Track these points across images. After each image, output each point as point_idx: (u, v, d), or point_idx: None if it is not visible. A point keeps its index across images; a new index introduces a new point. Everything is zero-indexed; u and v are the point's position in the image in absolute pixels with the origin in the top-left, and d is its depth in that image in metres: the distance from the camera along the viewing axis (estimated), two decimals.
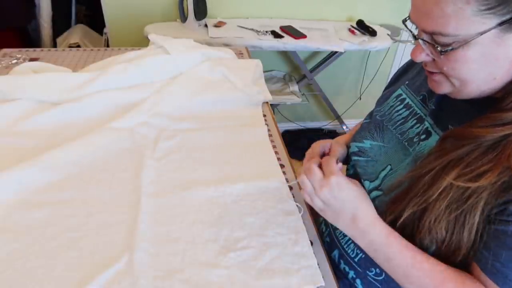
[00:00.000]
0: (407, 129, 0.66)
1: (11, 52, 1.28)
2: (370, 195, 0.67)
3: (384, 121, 0.72)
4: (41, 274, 0.61)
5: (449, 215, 0.52)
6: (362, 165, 0.71)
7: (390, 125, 0.70)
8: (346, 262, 0.73)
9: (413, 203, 0.55)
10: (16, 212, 0.72)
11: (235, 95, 1.08)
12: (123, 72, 1.07)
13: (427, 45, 0.52)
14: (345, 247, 0.74)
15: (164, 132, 0.95)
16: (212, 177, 0.82)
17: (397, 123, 0.69)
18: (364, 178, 0.69)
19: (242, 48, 1.46)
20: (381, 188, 0.65)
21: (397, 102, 0.71)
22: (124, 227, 0.70)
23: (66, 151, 0.84)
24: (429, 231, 0.54)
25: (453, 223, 0.52)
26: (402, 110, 0.69)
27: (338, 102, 2.35)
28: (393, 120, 0.70)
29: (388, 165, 0.66)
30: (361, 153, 0.72)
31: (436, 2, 0.47)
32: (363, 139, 0.73)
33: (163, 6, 1.86)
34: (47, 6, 2.04)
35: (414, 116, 0.66)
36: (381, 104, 0.75)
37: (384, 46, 1.88)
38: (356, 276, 0.71)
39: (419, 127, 0.64)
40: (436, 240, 0.54)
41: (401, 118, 0.69)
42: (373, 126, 0.73)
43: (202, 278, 0.62)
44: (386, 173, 0.66)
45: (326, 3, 1.99)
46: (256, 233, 0.70)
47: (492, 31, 0.46)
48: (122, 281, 0.61)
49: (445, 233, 0.53)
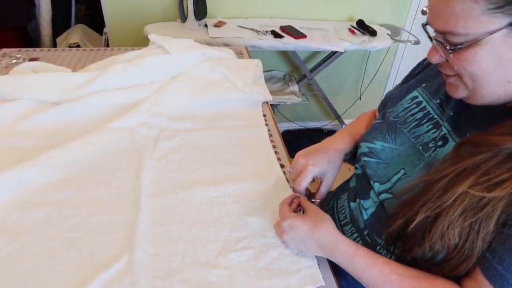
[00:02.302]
0: (422, 133, 0.65)
1: (11, 52, 1.28)
2: (380, 197, 0.66)
3: (397, 123, 0.70)
4: (41, 274, 0.61)
5: (463, 222, 0.51)
6: (373, 166, 0.70)
7: (404, 127, 0.69)
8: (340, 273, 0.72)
9: (427, 208, 0.54)
10: (16, 212, 0.71)
11: (235, 95, 1.08)
12: (123, 72, 1.07)
13: (440, 46, 0.53)
14: None
15: (164, 132, 0.95)
16: (212, 177, 0.82)
17: (412, 126, 0.68)
18: (374, 180, 0.68)
19: (242, 48, 1.46)
20: (391, 191, 0.65)
21: (413, 104, 0.70)
22: (124, 227, 0.70)
23: (66, 151, 0.84)
24: (442, 236, 0.53)
25: (467, 231, 0.51)
26: (417, 113, 0.68)
27: (338, 102, 2.35)
28: (407, 122, 0.69)
29: (402, 169, 0.66)
30: (371, 154, 0.71)
31: (446, 2, 0.48)
32: (374, 140, 0.72)
33: (163, 6, 1.86)
34: (47, 6, 2.04)
35: (431, 120, 0.65)
36: (395, 105, 0.74)
37: (384, 46, 1.88)
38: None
39: (435, 133, 0.63)
40: (448, 246, 0.53)
41: (415, 121, 0.68)
42: (385, 128, 0.72)
43: (202, 278, 0.62)
44: (400, 177, 0.65)
45: (326, 3, 1.99)
46: (256, 234, 0.70)
47: (503, 31, 0.46)
48: (122, 281, 0.61)
49: (458, 239, 0.52)
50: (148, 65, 1.10)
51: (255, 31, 1.79)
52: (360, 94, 2.37)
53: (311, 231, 0.63)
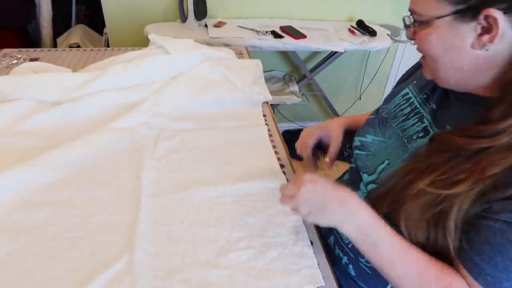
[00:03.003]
0: (409, 126, 0.68)
1: (11, 52, 1.28)
2: (367, 187, 0.68)
3: (388, 118, 0.73)
4: (41, 274, 0.61)
5: (421, 217, 0.54)
6: (363, 158, 0.73)
7: (393, 122, 0.71)
8: (340, 248, 0.74)
9: (390, 201, 0.57)
10: (16, 212, 0.71)
11: (235, 95, 1.08)
12: (123, 72, 1.07)
13: (408, 20, 0.58)
14: (340, 233, 0.74)
15: (164, 132, 0.95)
16: (212, 177, 0.82)
17: (400, 120, 0.70)
18: (363, 171, 0.71)
19: (242, 48, 1.46)
20: (377, 181, 0.67)
21: (403, 100, 0.73)
22: (124, 227, 0.70)
23: (66, 151, 0.84)
24: (406, 229, 0.56)
25: (426, 226, 0.54)
26: (406, 108, 0.71)
27: (338, 102, 2.35)
28: (397, 117, 0.71)
29: (386, 159, 0.68)
30: (363, 147, 0.74)
31: None
32: (366, 134, 0.75)
33: (163, 6, 1.86)
34: (47, 6, 2.04)
35: (417, 114, 0.68)
36: (388, 101, 0.76)
37: (384, 46, 1.88)
38: (349, 262, 0.73)
39: (419, 126, 0.66)
40: (416, 237, 0.56)
41: (404, 115, 0.70)
42: (377, 122, 0.75)
43: (202, 278, 0.62)
44: (384, 167, 0.67)
45: (326, 3, 1.99)
46: (256, 233, 0.70)
47: (448, 18, 0.51)
48: (122, 281, 0.61)
49: (422, 235, 0.55)
50: (148, 65, 1.10)
51: (255, 31, 1.79)
52: (360, 94, 2.37)
53: (333, 187, 0.59)
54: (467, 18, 0.50)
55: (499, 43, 0.49)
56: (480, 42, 0.50)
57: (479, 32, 0.50)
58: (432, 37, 0.53)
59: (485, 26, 0.49)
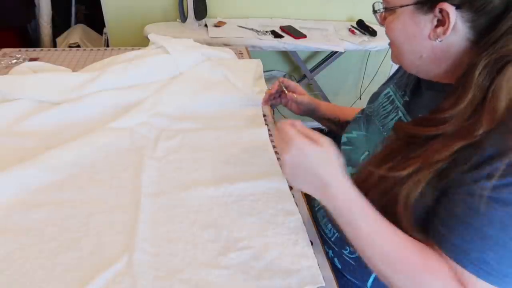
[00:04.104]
0: (388, 121, 0.71)
1: (11, 52, 1.28)
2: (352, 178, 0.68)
3: (372, 116, 0.77)
4: (41, 274, 0.61)
5: (380, 203, 0.56)
6: (348, 153, 0.76)
7: (376, 119, 0.75)
8: (325, 242, 0.75)
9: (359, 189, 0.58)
10: (16, 212, 0.71)
11: (235, 95, 1.08)
12: (123, 72, 1.07)
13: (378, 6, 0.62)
14: (323, 227, 0.77)
15: (164, 132, 0.95)
16: (212, 177, 0.82)
17: (382, 116, 0.73)
18: (348, 165, 0.73)
19: (242, 48, 1.46)
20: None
21: (385, 99, 0.76)
22: (124, 227, 0.70)
23: (66, 151, 0.84)
24: None
25: (385, 212, 0.55)
26: (387, 105, 0.74)
27: (338, 102, 2.35)
28: (379, 114, 0.74)
29: (366, 151, 0.71)
30: (349, 143, 0.78)
31: None
32: (352, 130, 0.80)
33: (163, 6, 1.86)
34: (47, 6, 2.04)
35: (395, 110, 0.71)
36: (373, 101, 0.80)
37: (384, 46, 1.88)
38: (333, 255, 0.74)
39: (395, 117, 0.69)
40: None
41: (385, 112, 0.73)
42: (362, 119, 0.79)
43: (202, 278, 0.62)
44: (363, 158, 0.71)
45: (326, 3, 1.99)
46: (256, 233, 0.70)
47: (409, 7, 0.55)
48: (122, 281, 0.61)
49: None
50: (148, 65, 1.10)
51: (255, 31, 1.79)
52: (360, 94, 2.37)
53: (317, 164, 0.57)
54: (425, 10, 0.54)
55: (452, 36, 0.53)
56: (435, 33, 0.54)
57: (435, 24, 0.54)
58: (396, 24, 0.58)
59: (440, 19, 0.53)
